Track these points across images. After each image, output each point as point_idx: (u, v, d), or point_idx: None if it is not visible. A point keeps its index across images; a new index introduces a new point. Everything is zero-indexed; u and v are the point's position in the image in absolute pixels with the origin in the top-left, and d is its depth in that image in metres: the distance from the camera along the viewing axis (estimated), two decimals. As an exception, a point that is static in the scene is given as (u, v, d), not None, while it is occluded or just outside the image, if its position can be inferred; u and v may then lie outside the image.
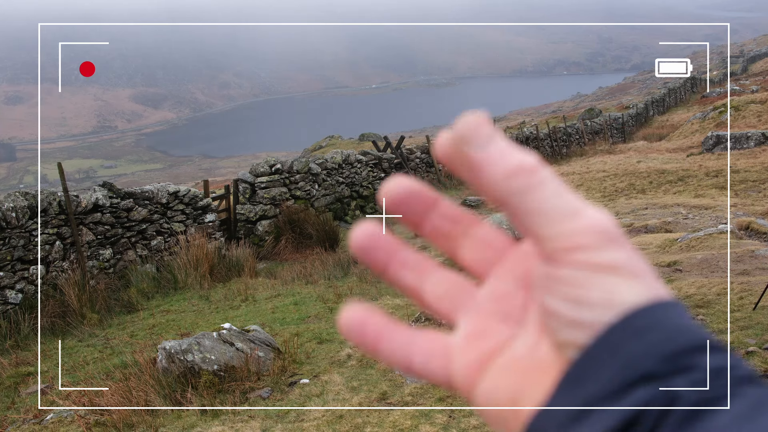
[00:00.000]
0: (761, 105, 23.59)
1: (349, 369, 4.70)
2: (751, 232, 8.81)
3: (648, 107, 40.20)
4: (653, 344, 0.30)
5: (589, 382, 0.30)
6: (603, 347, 0.31)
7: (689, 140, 23.23)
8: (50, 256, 7.33)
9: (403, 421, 3.77)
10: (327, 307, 6.66)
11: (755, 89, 34.02)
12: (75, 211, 7.66)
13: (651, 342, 0.30)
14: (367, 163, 14.66)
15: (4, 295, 6.75)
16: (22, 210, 7.03)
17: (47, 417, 4.35)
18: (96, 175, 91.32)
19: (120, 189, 8.49)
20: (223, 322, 5.43)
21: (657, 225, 9.92)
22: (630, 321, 0.31)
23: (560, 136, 26.83)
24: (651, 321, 0.31)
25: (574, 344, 0.32)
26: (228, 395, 4.33)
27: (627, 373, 0.30)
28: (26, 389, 5.21)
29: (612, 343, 0.31)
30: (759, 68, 57.62)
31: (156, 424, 4.03)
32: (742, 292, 5.56)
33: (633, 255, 0.33)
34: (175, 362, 4.49)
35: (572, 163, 22.01)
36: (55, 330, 6.72)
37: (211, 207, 10.07)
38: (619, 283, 0.32)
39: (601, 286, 0.32)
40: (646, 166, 17.50)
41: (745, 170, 14.70)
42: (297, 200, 12.23)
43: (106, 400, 4.23)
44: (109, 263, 8.12)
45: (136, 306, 7.52)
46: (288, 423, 3.91)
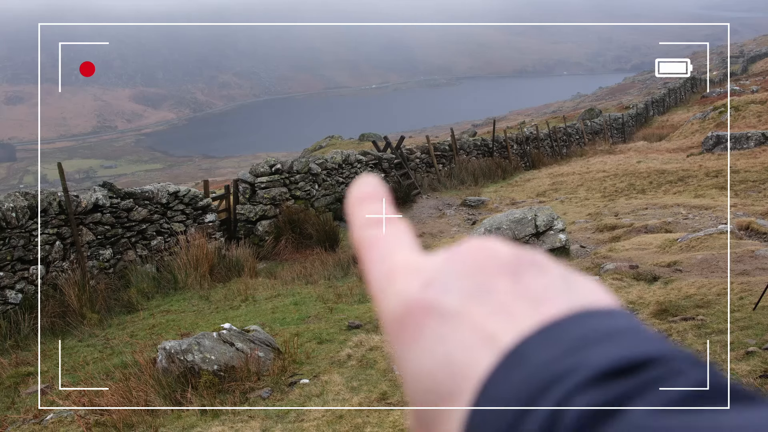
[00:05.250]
0: (761, 105, 23.60)
1: (349, 369, 4.70)
2: (751, 232, 8.81)
3: (648, 107, 40.19)
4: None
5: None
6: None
7: (689, 140, 23.23)
8: (50, 256, 7.33)
9: (403, 421, 3.77)
10: (327, 307, 6.66)
11: (755, 89, 34.02)
12: (75, 211, 7.66)
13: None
14: (367, 163, 14.66)
15: (4, 295, 6.75)
16: (22, 210, 7.02)
17: (47, 417, 4.35)
18: (96, 175, 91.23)
19: (120, 189, 8.49)
20: (223, 322, 5.43)
21: (657, 225, 9.92)
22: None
23: (560, 136, 26.83)
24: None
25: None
26: (228, 395, 4.32)
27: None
28: (26, 389, 5.21)
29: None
30: (759, 68, 57.62)
31: (156, 424, 4.03)
32: (742, 292, 5.56)
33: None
34: (175, 362, 4.49)
35: (572, 163, 22.01)
36: (55, 330, 6.72)
37: (211, 207, 10.07)
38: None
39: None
40: (646, 166, 17.50)
41: (745, 170, 14.70)
42: (297, 200, 12.23)
43: (106, 400, 4.23)
44: (109, 263, 8.12)
45: (136, 306, 7.52)
46: (288, 423, 3.91)
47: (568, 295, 0.31)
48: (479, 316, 0.31)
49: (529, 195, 15.86)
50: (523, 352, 0.29)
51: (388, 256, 0.36)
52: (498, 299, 0.32)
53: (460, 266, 0.34)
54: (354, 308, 6.53)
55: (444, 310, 0.32)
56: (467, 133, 30.41)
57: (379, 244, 0.37)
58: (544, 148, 24.78)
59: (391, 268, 0.35)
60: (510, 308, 0.31)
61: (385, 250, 0.37)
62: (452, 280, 0.33)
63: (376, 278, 0.36)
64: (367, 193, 0.40)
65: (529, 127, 28.42)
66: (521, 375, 0.28)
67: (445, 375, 0.30)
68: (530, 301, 0.31)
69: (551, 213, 8.86)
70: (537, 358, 0.28)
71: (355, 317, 6.11)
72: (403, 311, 0.33)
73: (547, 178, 18.20)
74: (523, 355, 0.29)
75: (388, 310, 0.34)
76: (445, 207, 14.45)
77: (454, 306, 0.32)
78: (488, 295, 0.32)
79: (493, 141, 20.80)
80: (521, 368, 0.28)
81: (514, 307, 0.31)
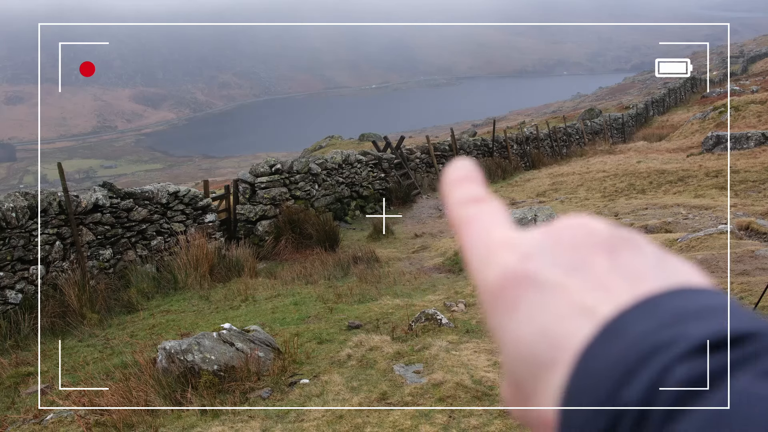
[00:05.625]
0: (761, 105, 23.59)
1: (349, 369, 4.70)
2: (751, 232, 8.80)
3: (648, 107, 40.20)
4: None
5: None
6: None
7: (689, 140, 23.22)
8: (50, 256, 7.33)
9: (403, 421, 3.77)
10: (327, 307, 6.66)
11: (755, 89, 34.01)
12: (75, 211, 7.66)
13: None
14: (367, 163, 14.65)
15: (4, 295, 6.75)
16: (22, 210, 7.02)
17: (47, 417, 4.35)
18: (96, 175, 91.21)
19: (120, 189, 8.48)
20: (223, 322, 5.43)
21: (657, 225, 9.92)
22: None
23: (560, 137, 26.83)
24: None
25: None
26: (228, 395, 4.32)
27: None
28: (26, 389, 5.21)
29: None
30: (759, 68, 57.61)
31: (156, 424, 4.03)
32: (742, 292, 5.56)
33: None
34: (175, 362, 4.49)
35: (572, 163, 22.01)
36: (55, 330, 6.71)
37: (211, 207, 10.07)
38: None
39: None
40: (646, 166, 17.49)
41: (745, 170, 14.69)
42: (297, 200, 12.23)
43: (106, 400, 4.23)
44: (109, 263, 8.12)
45: (136, 306, 7.52)
46: (288, 423, 3.91)
47: (664, 274, 0.32)
48: (577, 289, 0.32)
49: (529, 195, 15.86)
50: (621, 324, 0.30)
51: (486, 233, 0.38)
52: (595, 274, 0.33)
53: (557, 242, 0.35)
54: (354, 308, 6.53)
55: (542, 282, 0.33)
56: (467, 133, 30.42)
57: (476, 222, 0.39)
58: (544, 148, 24.79)
59: (490, 243, 0.37)
60: (607, 283, 0.32)
61: (482, 227, 0.39)
62: (550, 254, 0.35)
63: (474, 253, 0.38)
64: (462, 175, 0.43)
65: (529, 127, 28.43)
66: (620, 346, 0.29)
67: (543, 344, 0.32)
68: (627, 277, 0.32)
69: (551, 213, 8.86)
70: (636, 330, 0.29)
71: (355, 317, 6.11)
72: (501, 282, 0.35)
73: (547, 178, 18.20)
74: (622, 328, 0.30)
75: (486, 282, 0.36)
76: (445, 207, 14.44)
77: (553, 278, 0.33)
78: (585, 270, 0.33)
79: (493, 141, 20.81)
80: (620, 340, 0.29)
81: (611, 282, 0.32)
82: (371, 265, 8.92)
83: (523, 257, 0.35)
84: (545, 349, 0.31)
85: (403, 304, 6.37)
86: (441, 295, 6.84)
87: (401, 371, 4.54)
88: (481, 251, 0.37)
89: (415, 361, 4.70)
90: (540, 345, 0.32)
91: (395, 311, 6.18)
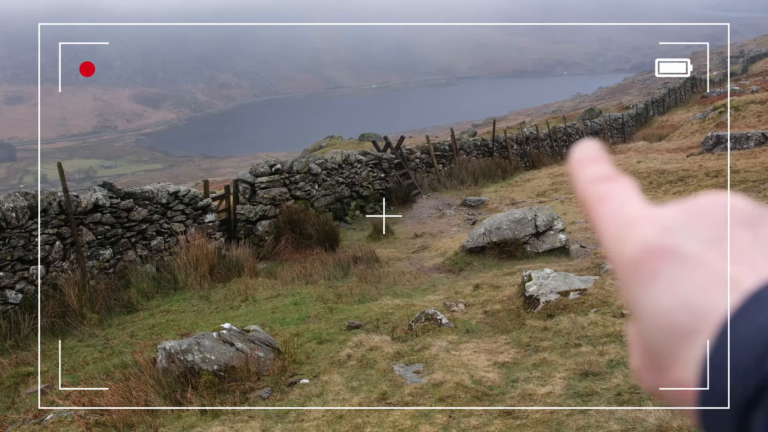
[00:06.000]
0: (761, 105, 23.59)
1: (349, 369, 4.70)
2: (751, 232, 8.80)
3: (648, 107, 40.19)
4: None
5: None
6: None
7: (689, 140, 23.22)
8: (50, 256, 7.33)
9: (403, 421, 3.77)
10: (327, 307, 6.66)
11: (755, 89, 34.01)
12: (75, 211, 7.66)
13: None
14: (367, 164, 14.65)
15: (4, 295, 6.75)
16: (22, 210, 7.02)
17: (47, 417, 4.35)
18: (96, 175, 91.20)
19: (120, 189, 8.49)
20: (223, 322, 5.43)
21: (657, 225, 9.91)
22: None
23: (560, 137, 26.83)
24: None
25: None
26: (228, 395, 4.32)
27: None
28: (26, 389, 5.21)
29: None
30: (759, 68, 57.60)
31: (156, 424, 4.03)
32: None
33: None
34: (175, 362, 4.49)
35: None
36: (55, 330, 6.71)
37: (211, 207, 10.07)
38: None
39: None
40: (646, 166, 17.49)
41: (745, 170, 14.69)
42: (297, 200, 12.23)
43: (106, 400, 4.23)
44: (109, 263, 8.12)
45: (136, 306, 7.52)
46: (288, 423, 3.91)
47: None
48: (718, 262, 0.33)
49: (529, 195, 15.85)
50: (765, 295, 0.30)
51: (621, 208, 0.39)
52: (737, 248, 0.33)
53: (697, 216, 0.36)
54: (354, 308, 6.53)
55: (683, 254, 0.34)
56: (467, 133, 30.41)
57: (611, 199, 0.40)
58: (544, 148, 24.78)
59: (627, 218, 0.38)
60: (749, 257, 0.33)
61: (617, 203, 0.39)
62: (690, 228, 0.35)
63: (610, 228, 0.38)
64: (589, 155, 0.44)
65: (529, 127, 28.43)
66: (765, 316, 0.29)
67: (684, 314, 0.32)
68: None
69: (551, 213, 8.86)
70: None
71: (355, 317, 6.11)
72: (641, 255, 0.35)
73: (547, 178, 18.20)
74: (766, 299, 0.30)
75: (624, 256, 0.36)
76: (445, 207, 14.45)
77: (694, 251, 0.34)
78: (726, 243, 0.34)
79: (493, 141, 20.80)
80: (765, 310, 0.30)
81: (753, 256, 0.33)
82: (371, 265, 8.92)
83: (663, 231, 0.36)
84: (687, 318, 0.32)
85: (403, 304, 6.37)
86: (441, 295, 6.84)
87: (401, 371, 4.54)
88: (618, 226, 0.38)
89: (415, 361, 4.70)
90: (681, 314, 0.32)
91: (395, 311, 6.18)
